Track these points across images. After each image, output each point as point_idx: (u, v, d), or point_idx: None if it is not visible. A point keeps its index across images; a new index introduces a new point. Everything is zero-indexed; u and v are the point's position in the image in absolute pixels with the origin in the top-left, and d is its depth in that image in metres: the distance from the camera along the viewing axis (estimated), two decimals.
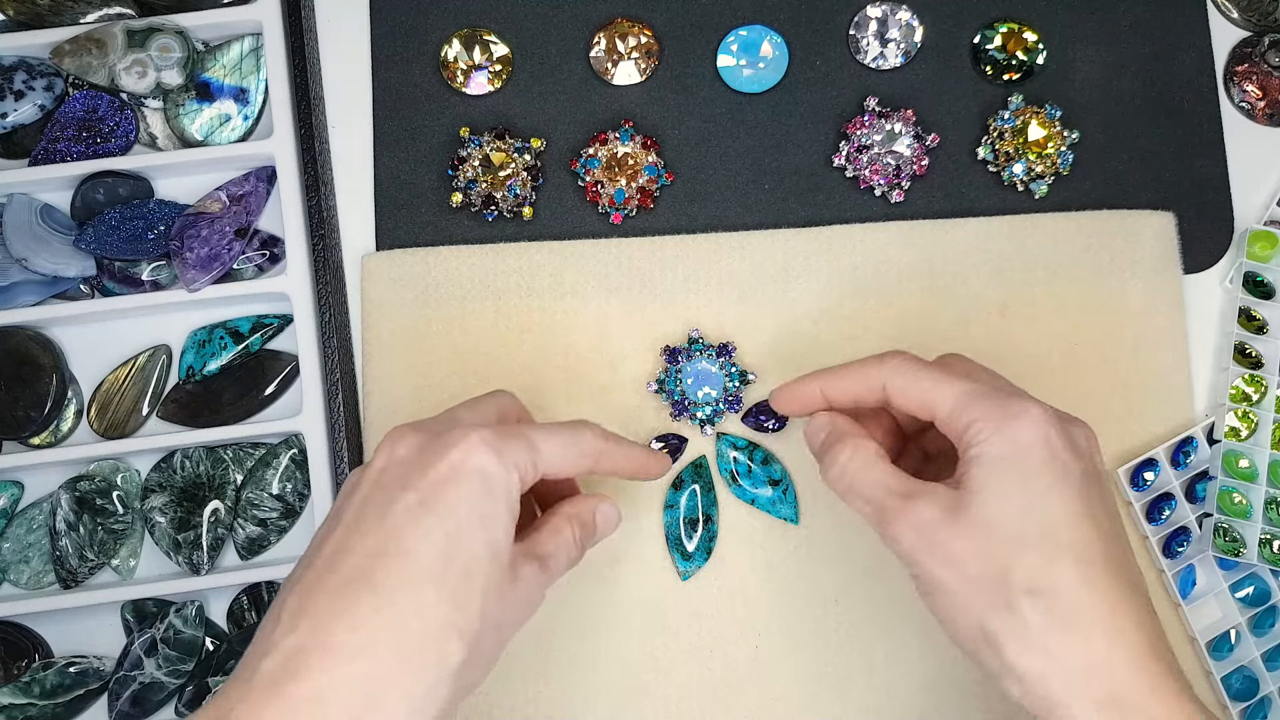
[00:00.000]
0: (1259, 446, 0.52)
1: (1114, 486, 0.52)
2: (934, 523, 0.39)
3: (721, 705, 0.51)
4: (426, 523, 0.37)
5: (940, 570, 0.39)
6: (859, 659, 0.51)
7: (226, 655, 0.52)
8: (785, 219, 0.54)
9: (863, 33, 0.55)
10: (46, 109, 0.55)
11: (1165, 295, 0.53)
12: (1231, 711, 0.51)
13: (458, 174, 0.53)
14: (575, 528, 0.43)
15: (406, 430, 0.40)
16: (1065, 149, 0.54)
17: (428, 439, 0.39)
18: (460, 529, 0.37)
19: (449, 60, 0.55)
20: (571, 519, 0.43)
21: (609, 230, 0.54)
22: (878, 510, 0.41)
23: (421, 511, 0.37)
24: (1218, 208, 0.54)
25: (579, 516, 0.43)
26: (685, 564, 0.51)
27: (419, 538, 0.37)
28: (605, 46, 0.55)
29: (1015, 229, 0.53)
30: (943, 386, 0.41)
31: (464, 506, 0.37)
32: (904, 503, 0.40)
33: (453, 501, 0.37)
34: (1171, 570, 0.51)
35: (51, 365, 0.53)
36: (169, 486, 0.53)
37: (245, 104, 0.55)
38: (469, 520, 0.37)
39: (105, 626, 0.53)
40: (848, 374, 0.44)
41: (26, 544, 0.53)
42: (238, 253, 0.53)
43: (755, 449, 0.52)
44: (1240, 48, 0.56)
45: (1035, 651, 0.37)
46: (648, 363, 0.53)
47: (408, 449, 0.39)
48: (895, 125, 0.53)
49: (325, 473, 0.52)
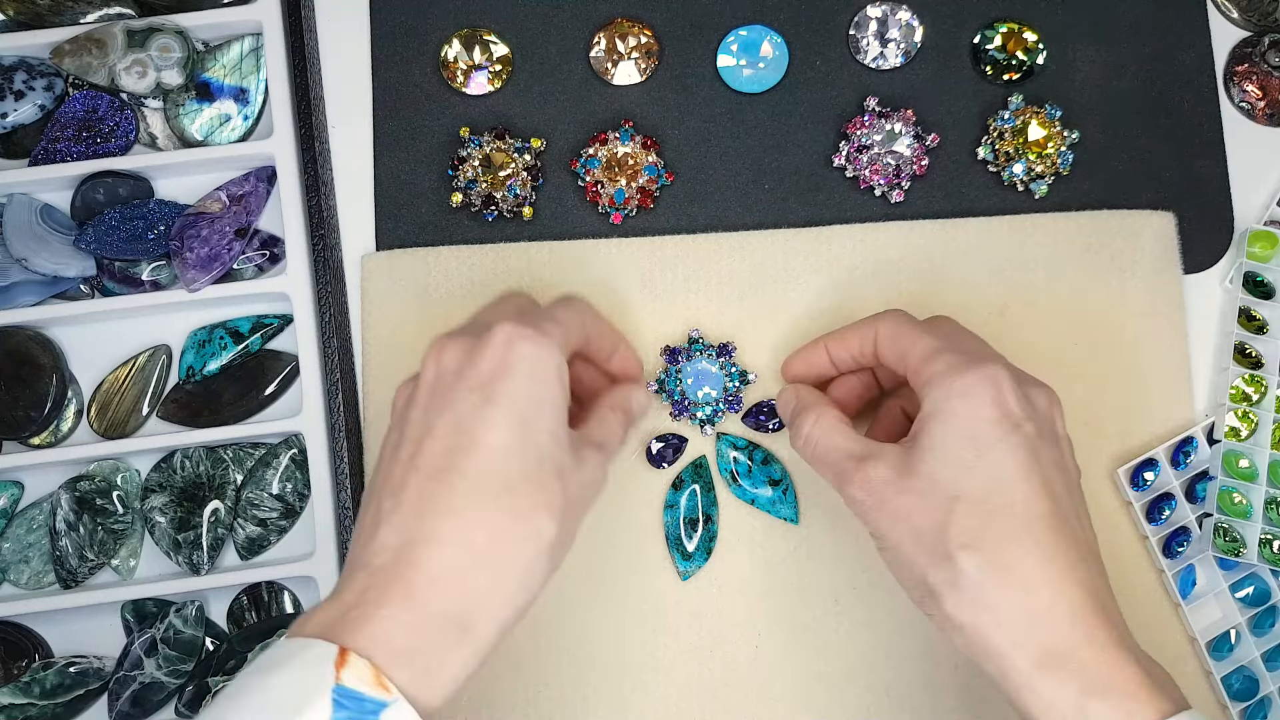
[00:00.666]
0: (1259, 446, 0.52)
1: (1114, 487, 0.52)
2: (883, 481, 0.40)
3: (721, 705, 0.51)
4: (492, 415, 0.39)
5: (888, 526, 0.40)
6: (859, 659, 0.51)
7: (226, 655, 0.52)
8: (785, 219, 0.54)
9: (863, 33, 0.55)
10: (46, 109, 0.55)
11: (1165, 295, 0.53)
12: (1231, 711, 0.51)
13: (458, 174, 0.53)
14: (619, 414, 0.46)
15: (446, 340, 0.42)
16: (1065, 149, 0.54)
17: (470, 341, 0.41)
18: (524, 415, 0.39)
19: (449, 60, 0.55)
20: (614, 407, 0.46)
21: (609, 230, 0.54)
22: (837, 473, 0.43)
23: (485, 405, 0.39)
24: (1218, 208, 0.54)
25: (620, 404, 0.47)
26: (685, 564, 0.51)
27: (489, 428, 0.39)
28: (605, 46, 0.55)
29: (1015, 229, 0.53)
30: (917, 341, 0.43)
31: (522, 395, 0.40)
32: (858, 464, 0.41)
33: (511, 391, 0.39)
34: (1171, 570, 0.51)
35: (51, 365, 0.53)
36: (169, 486, 0.53)
37: (245, 104, 0.55)
38: (530, 406, 0.40)
39: (105, 626, 0.53)
40: (849, 330, 0.47)
41: (26, 544, 0.53)
42: (238, 253, 0.53)
43: (755, 449, 0.52)
44: (1240, 48, 0.56)
45: (973, 604, 0.38)
46: (648, 363, 0.52)
47: (453, 355, 0.41)
48: (895, 125, 0.53)
49: (325, 473, 0.52)
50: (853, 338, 0.47)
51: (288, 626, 0.52)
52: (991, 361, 0.41)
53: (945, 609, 0.38)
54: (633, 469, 0.52)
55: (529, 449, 0.39)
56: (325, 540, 0.52)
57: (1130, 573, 0.52)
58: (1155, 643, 0.51)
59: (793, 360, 0.50)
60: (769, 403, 0.52)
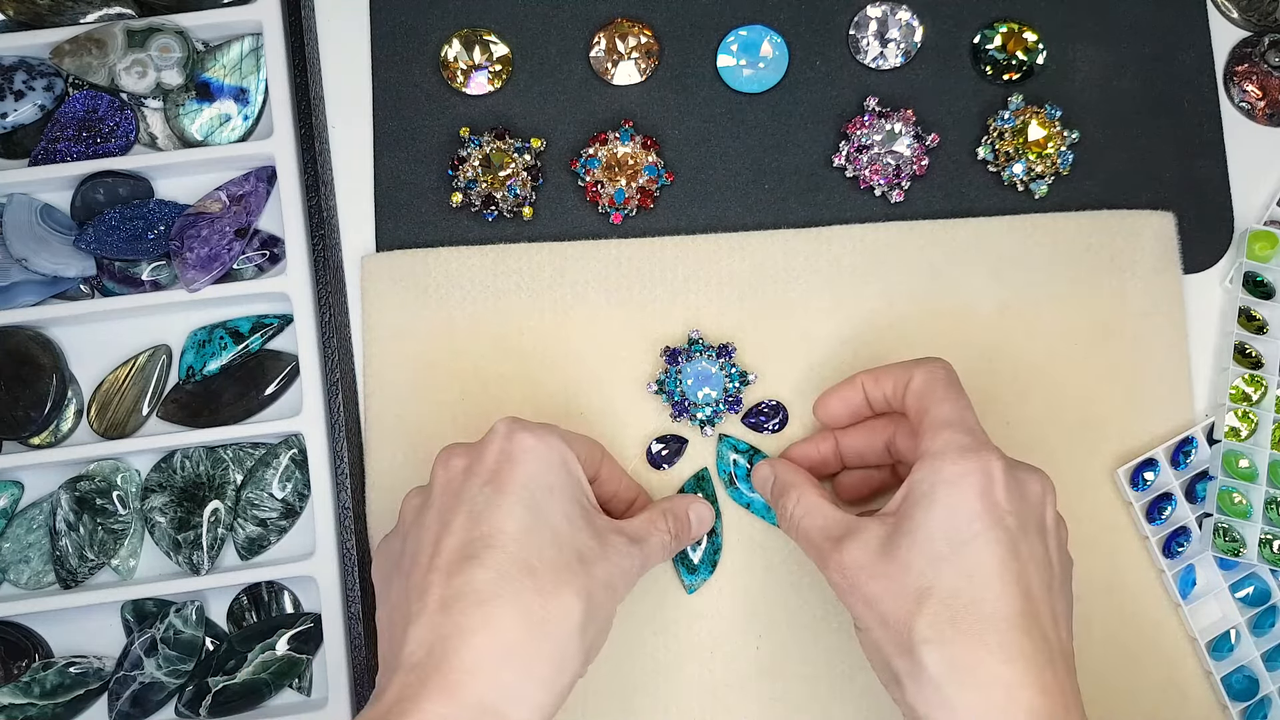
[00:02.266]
0: (1259, 446, 0.52)
1: (1114, 487, 0.52)
2: (857, 565, 0.40)
3: (721, 705, 0.51)
4: (504, 503, 0.40)
5: (860, 610, 0.40)
6: (859, 659, 0.51)
7: (226, 655, 0.52)
8: (785, 219, 0.54)
9: (863, 33, 0.55)
10: (46, 109, 0.55)
11: (1165, 295, 0.53)
12: (1231, 712, 0.51)
13: (458, 174, 0.53)
14: (669, 520, 0.46)
15: (451, 447, 0.43)
16: (1065, 149, 0.54)
17: (472, 445, 0.42)
18: (536, 501, 0.40)
19: (449, 60, 0.55)
20: (666, 512, 0.47)
21: (609, 230, 0.54)
22: (818, 554, 0.43)
23: (496, 495, 0.40)
24: (1218, 208, 0.54)
25: (673, 510, 0.47)
26: (691, 577, 0.51)
27: (504, 516, 0.39)
28: (605, 46, 0.55)
29: (1015, 229, 0.53)
30: (938, 406, 0.42)
31: (531, 481, 0.40)
32: (834, 546, 0.41)
33: (519, 478, 0.40)
34: (1171, 570, 0.51)
35: (51, 365, 0.53)
36: (169, 486, 0.53)
37: (245, 104, 0.55)
38: (540, 493, 0.40)
39: (105, 626, 0.53)
40: (887, 370, 0.46)
41: (26, 544, 0.53)
42: (238, 253, 0.53)
43: (756, 453, 0.52)
44: (1240, 48, 0.56)
45: (930, 699, 0.37)
46: (648, 363, 0.52)
47: (460, 459, 0.42)
48: (895, 125, 0.53)
49: (325, 473, 0.52)
50: (888, 379, 0.46)
51: (287, 626, 0.52)
52: (988, 451, 0.40)
53: (906, 698, 0.38)
54: (634, 474, 0.52)
55: (544, 532, 0.40)
56: (325, 540, 0.52)
57: (1130, 573, 0.52)
58: (1155, 643, 0.51)
59: (829, 398, 0.48)
60: (769, 403, 0.52)
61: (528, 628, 0.38)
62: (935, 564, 0.38)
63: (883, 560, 0.39)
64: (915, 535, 0.39)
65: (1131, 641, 0.51)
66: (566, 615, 0.38)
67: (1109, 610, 0.51)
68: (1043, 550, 0.40)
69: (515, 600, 0.38)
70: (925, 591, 0.38)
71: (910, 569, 0.39)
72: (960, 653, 0.37)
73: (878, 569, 0.39)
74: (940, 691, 0.37)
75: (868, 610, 0.40)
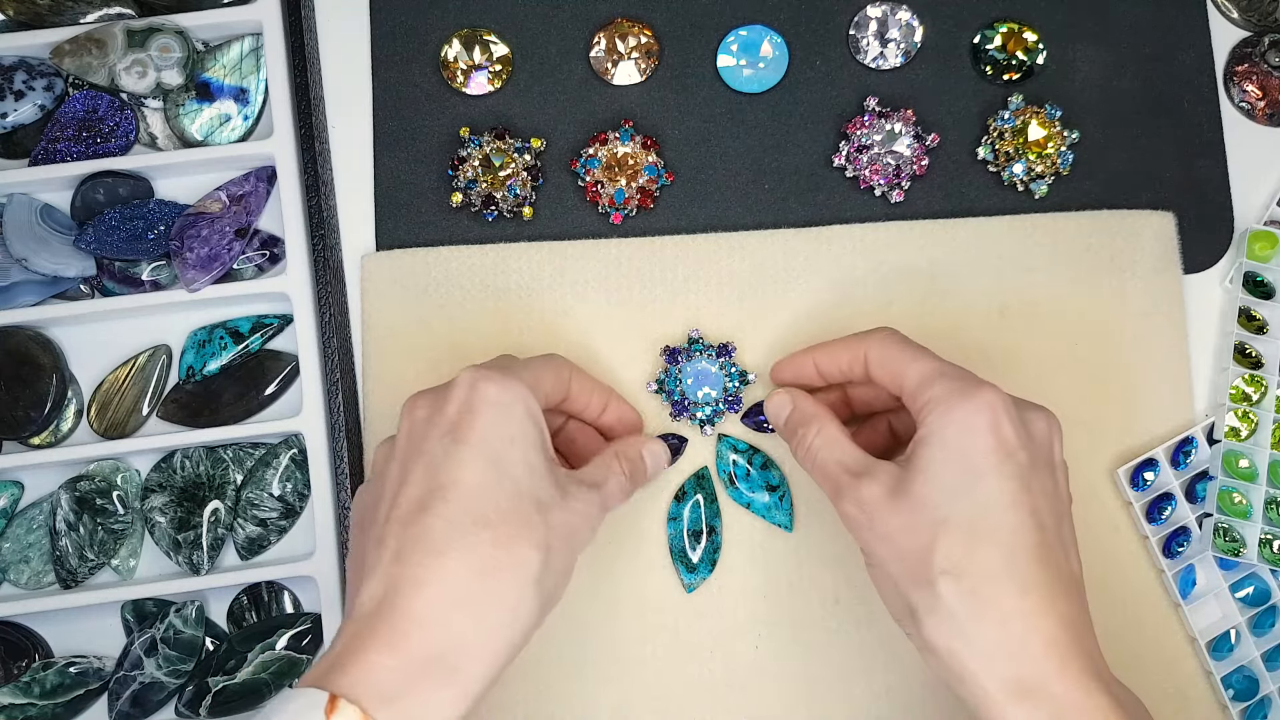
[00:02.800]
0: (1259, 446, 0.52)
1: (1114, 487, 0.52)
2: (875, 500, 0.41)
3: (721, 705, 0.51)
4: (462, 454, 0.39)
5: (876, 545, 0.41)
6: (859, 659, 0.51)
7: (226, 655, 0.52)
8: (785, 219, 0.54)
9: (863, 33, 0.55)
10: (46, 109, 0.55)
11: (1165, 295, 0.53)
12: (1231, 712, 0.51)
13: (458, 174, 0.53)
14: (622, 462, 0.46)
15: (416, 396, 0.43)
16: (1065, 149, 0.54)
17: (437, 392, 0.42)
18: (495, 452, 0.40)
19: (449, 60, 0.55)
20: (619, 455, 0.47)
21: (609, 230, 0.54)
22: (833, 486, 0.43)
23: (455, 446, 0.40)
24: (1218, 208, 0.54)
25: (625, 453, 0.47)
26: (690, 576, 0.51)
27: (460, 467, 0.39)
28: (605, 46, 0.55)
29: (1015, 229, 0.53)
30: (914, 362, 0.43)
31: (491, 432, 0.40)
32: (853, 480, 0.42)
33: (479, 429, 0.40)
34: (1171, 570, 0.51)
35: (51, 365, 0.53)
36: (169, 486, 0.53)
37: (245, 104, 0.55)
38: (500, 444, 0.40)
39: (105, 626, 0.53)
40: (838, 345, 0.47)
41: (26, 544, 0.53)
42: (238, 253, 0.53)
43: (755, 453, 0.52)
44: (1240, 48, 0.56)
45: (950, 630, 0.38)
46: (648, 363, 0.52)
47: (423, 408, 0.42)
48: (895, 125, 0.53)
49: (325, 473, 0.52)
50: (842, 353, 0.47)
51: (287, 626, 0.52)
52: (988, 387, 0.41)
53: (923, 632, 0.39)
54: None
55: (504, 484, 0.40)
56: (325, 540, 0.52)
57: (1130, 573, 0.52)
58: (1155, 642, 0.51)
59: (782, 366, 0.50)
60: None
61: (481, 578, 0.38)
62: (951, 498, 0.39)
63: (900, 496, 0.40)
64: (930, 472, 0.40)
65: (1132, 641, 0.51)
66: (521, 565, 0.38)
67: (1109, 610, 0.51)
68: (1052, 485, 0.41)
69: (470, 551, 0.38)
70: (942, 524, 0.39)
71: (927, 503, 0.39)
72: (978, 584, 0.38)
73: (895, 504, 0.40)
74: (958, 622, 0.38)
75: (883, 544, 0.40)
